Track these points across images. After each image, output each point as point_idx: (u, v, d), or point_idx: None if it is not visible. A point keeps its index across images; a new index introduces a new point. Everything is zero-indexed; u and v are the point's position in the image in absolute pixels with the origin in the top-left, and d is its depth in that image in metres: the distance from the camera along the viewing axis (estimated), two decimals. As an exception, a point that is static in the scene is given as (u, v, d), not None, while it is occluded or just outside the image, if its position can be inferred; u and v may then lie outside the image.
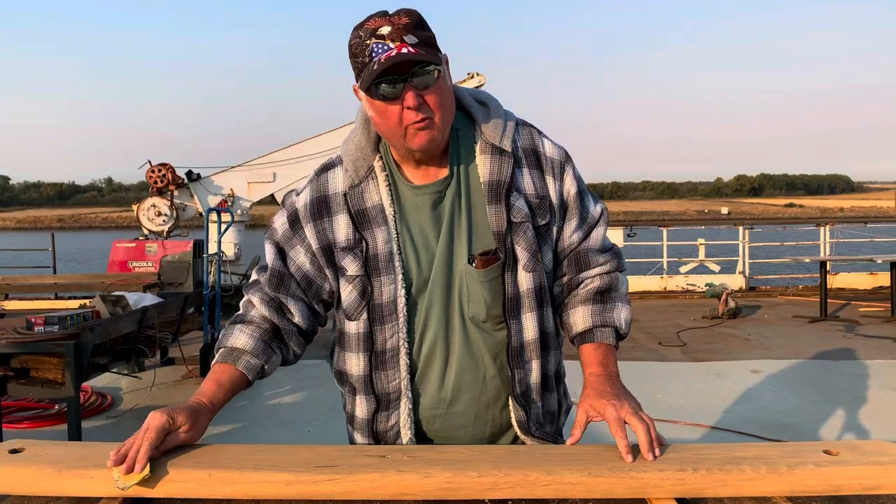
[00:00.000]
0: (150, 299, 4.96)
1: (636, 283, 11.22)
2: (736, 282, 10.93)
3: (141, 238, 10.34)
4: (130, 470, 1.16)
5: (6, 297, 7.65)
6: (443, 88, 1.28)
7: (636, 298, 10.58)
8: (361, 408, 1.47)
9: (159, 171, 10.49)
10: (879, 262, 9.07)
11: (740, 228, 11.47)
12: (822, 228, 11.67)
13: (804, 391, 5.07)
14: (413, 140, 1.30)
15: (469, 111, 1.43)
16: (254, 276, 1.50)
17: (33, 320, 3.90)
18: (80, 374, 3.77)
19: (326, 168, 1.46)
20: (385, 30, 1.22)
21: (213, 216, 7.08)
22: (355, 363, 1.45)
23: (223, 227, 6.93)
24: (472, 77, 10.96)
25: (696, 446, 1.28)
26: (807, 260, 10.10)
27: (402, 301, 1.38)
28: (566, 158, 1.45)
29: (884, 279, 10.17)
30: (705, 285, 10.36)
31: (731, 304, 8.46)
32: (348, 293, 1.41)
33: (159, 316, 4.81)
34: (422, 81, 1.25)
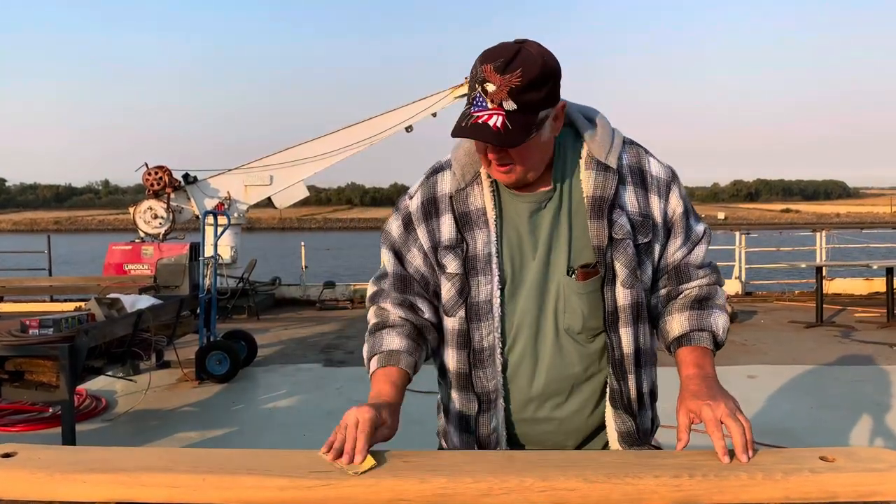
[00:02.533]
0: (145, 301, 4.95)
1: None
2: (732, 287, 10.94)
3: (137, 241, 10.33)
4: (350, 461, 1.20)
5: (1, 300, 7.64)
6: (528, 147, 1.33)
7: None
8: (461, 405, 1.51)
9: (156, 173, 10.47)
10: (875, 267, 9.09)
11: (737, 234, 11.49)
12: (818, 234, 11.70)
13: (800, 397, 5.07)
14: (495, 175, 1.40)
15: (576, 125, 1.46)
16: (373, 288, 1.56)
17: (28, 323, 3.89)
18: (74, 377, 3.76)
19: (436, 171, 1.52)
20: (491, 87, 1.27)
21: (210, 219, 7.07)
22: (452, 359, 1.50)
23: (219, 229, 6.92)
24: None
25: (692, 452, 1.28)
26: (803, 265, 10.12)
27: (497, 301, 1.42)
28: (672, 178, 1.47)
29: (879, 285, 10.20)
30: (702, 290, 10.34)
31: (728, 309, 8.45)
32: (447, 290, 1.47)
33: (155, 319, 4.80)
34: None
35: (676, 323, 1.45)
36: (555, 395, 1.45)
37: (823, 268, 9.02)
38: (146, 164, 10.55)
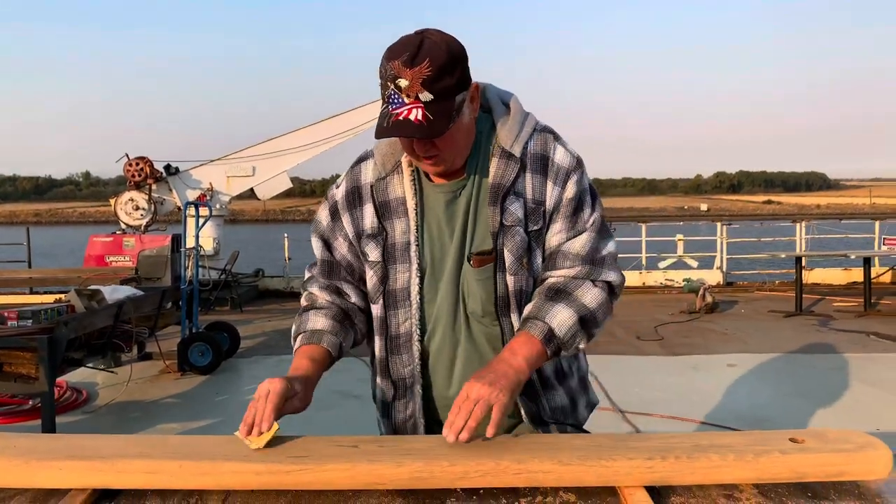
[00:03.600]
0: (125, 291, 4.91)
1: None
2: (714, 277, 11.04)
3: (118, 232, 10.22)
4: (259, 434, 1.23)
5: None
6: (452, 133, 1.33)
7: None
8: (382, 391, 1.56)
9: (137, 164, 10.37)
10: (853, 257, 9.22)
11: (718, 224, 11.59)
12: (797, 225, 11.82)
13: (779, 384, 5.14)
14: (426, 169, 1.42)
15: (492, 113, 1.47)
16: (306, 274, 1.61)
17: (6, 314, 3.85)
18: (53, 369, 3.73)
19: (360, 160, 1.54)
20: (403, 83, 1.27)
21: (191, 210, 7.02)
22: (376, 346, 1.54)
23: (201, 220, 6.88)
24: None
25: (665, 435, 1.30)
26: (783, 256, 10.24)
27: (415, 289, 1.46)
28: (575, 167, 1.45)
29: (857, 274, 10.35)
30: (683, 280, 10.47)
31: (709, 298, 8.55)
32: (370, 278, 1.50)
33: (136, 311, 4.76)
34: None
35: (525, 309, 1.44)
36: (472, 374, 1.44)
37: (803, 258, 9.13)
38: (127, 155, 10.44)
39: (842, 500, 1.16)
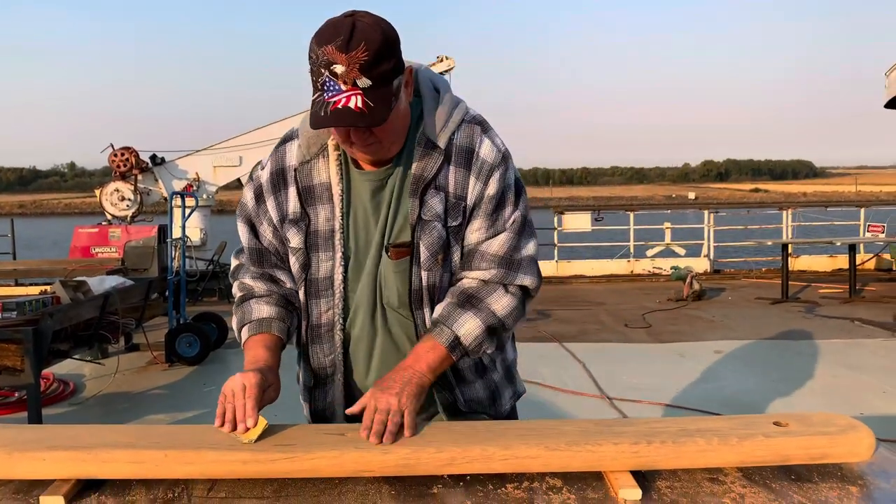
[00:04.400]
0: (112, 281, 4.88)
1: (603, 266, 11.33)
2: (701, 265, 11.10)
3: (104, 223, 10.14)
4: (245, 429, 1.21)
5: (-37, 284, 7.46)
6: (391, 119, 1.29)
7: (602, 281, 10.70)
8: (303, 378, 1.55)
9: (122, 154, 10.27)
10: (838, 244, 9.30)
11: (706, 213, 11.63)
12: (784, 212, 11.89)
13: (764, 370, 5.19)
14: (358, 156, 1.36)
15: (422, 101, 1.42)
16: (234, 262, 1.56)
17: (-10, 306, 3.81)
18: (39, 360, 3.70)
19: (285, 140, 1.49)
20: (339, 69, 1.20)
21: (177, 200, 6.97)
22: (302, 332, 1.51)
23: (188, 211, 6.83)
24: (441, 61, 10.89)
25: (651, 420, 1.31)
26: (769, 243, 10.30)
27: (339, 278, 1.43)
28: (500, 162, 1.40)
29: (842, 261, 10.43)
30: (671, 268, 10.52)
31: (696, 286, 8.60)
32: (293, 264, 1.47)
33: (122, 301, 4.73)
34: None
35: (436, 310, 1.42)
36: (391, 367, 1.41)
37: (789, 245, 9.19)
38: (112, 146, 10.33)
39: (825, 482, 1.18)
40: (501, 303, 1.40)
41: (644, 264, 11.33)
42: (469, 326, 1.38)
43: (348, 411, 1.33)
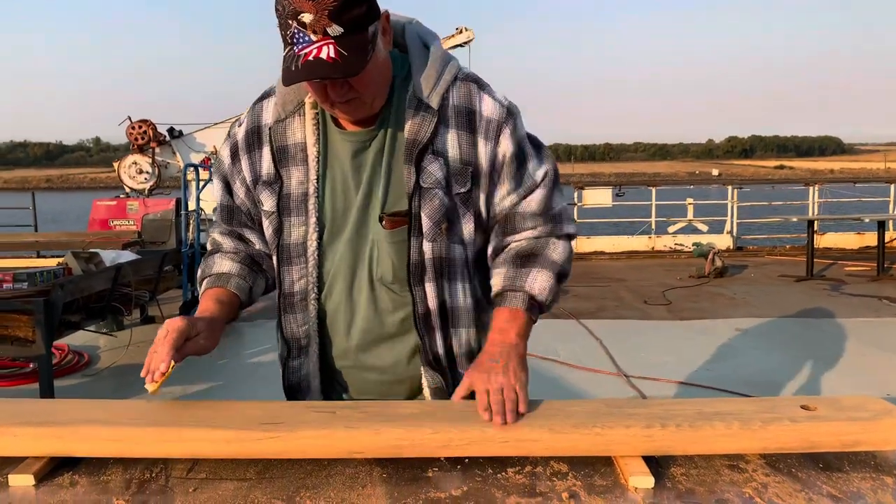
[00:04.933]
0: (126, 256, 4.85)
1: (624, 242, 11.17)
2: (724, 241, 10.89)
3: (122, 196, 10.17)
4: (152, 379, 1.17)
5: (-18, 256, 7.53)
6: (368, 70, 1.18)
7: (622, 258, 10.55)
8: (280, 346, 1.46)
9: (140, 127, 10.26)
10: (867, 220, 9.04)
11: (729, 188, 11.39)
12: (810, 188, 11.61)
13: (788, 349, 5.05)
14: (339, 115, 1.28)
15: (410, 57, 1.32)
16: (213, 217, 1.53)
17: (1, 277, 3.80)
18: (50, 331, 3.68)
19: (263, 97, 1.40)
20: (307, 17, 1.11)
21: (192, 173, 6.92)
22: (277, 303, 1.43)
23: (202, 183, 6.78)
24: (461, 33, 10.69)
25: (666, 401, 1.21)
26: (794, 219, 10.06)
27: (313, 245, 1.34)
28: (506, 118, 1.31)
29: (871, 238, 10.16)
30: (692, 245, 10.33)
31: (718, 263, 8.43)
32: (266, 228, 1.39)
33: (135, 273, 4.70)
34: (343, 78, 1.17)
35: (494, 281, 1.35)
36: (373, 345, 1.37)
37: (815, 222, 8.96)
38: (129, 118, 10.32)
39: (856, 471, 1.08)
40: (558, 251, 1.36)
41: (665, 241, 11.14)
42: (540, 282, 1.32)
43: (454, 398, 1.24)
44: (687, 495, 1.03)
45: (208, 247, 1.49)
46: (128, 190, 10.31)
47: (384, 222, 1.31)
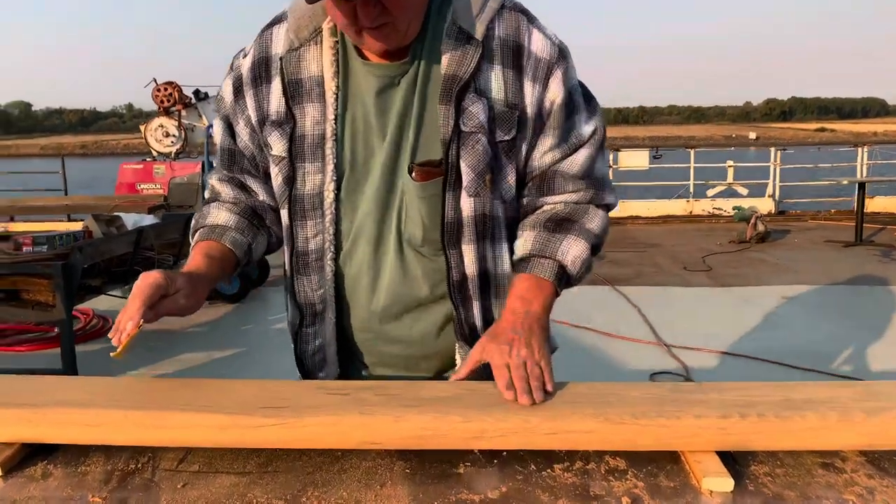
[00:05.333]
0: (148, 220, 4.76)
1: (660, 206, 10.82)
2: (765, 206, 10.48)
3: (149, 160, 10.12)
4: (118, 340, 1.03)
5: (11, 219, 7.54)
6: None
7: (659, 222, 10.22)
8: (290, 314, 1.29)
9: (165, 90, 10.14)
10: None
11: (772, 149, 10.94)
12: (859, 150, 11.10)
13: (839, 318, 4.79)
14: (368, 44, 1.08)
15: None
16: (215, 162, 1.34)
17: (21, 240, 3.72)
18: (70, 295, 3.59)
19: (273, 23, 1.20)
20: None
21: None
22: (285, 260, 1.26)
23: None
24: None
25: (749, 385, 1.01)
26: (845, 182, 9.57)
27: (330, 197, 1.16)
28: (558, 59, 1.13)
29: (923, 203, 9.68)
30: (733, 209, 9.95)
31: (760, 227, 8.10)
32: (275, 177, 1.20)
33: (158, 237, 4.60)
34: None
35: (521, 243, 1.19)
36: (400, 315, 1.20)
37: (866, 184, 8.53)
38: (154, 80, 10.21)
39: None
40: (596, 221, 1.20)
41: (704, 205, 10.77)
42: (575, 251, 1.15)
43: (457, 376, 1.09)
44: (775, 501, 0.84)
45: (205, 195, 1.32)
46: (155, 153, 10.26)
47: (414, 173, 1.12)
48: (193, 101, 10.43)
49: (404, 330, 1.21)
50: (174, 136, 10.13)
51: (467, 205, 1.12)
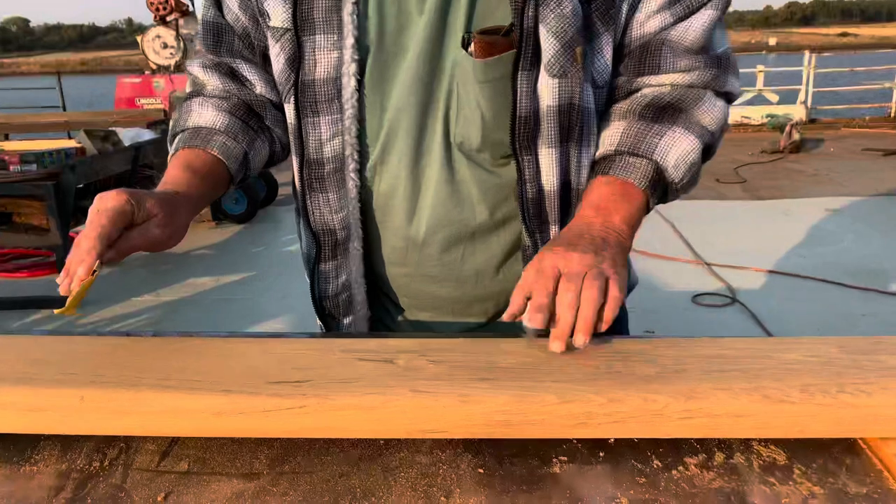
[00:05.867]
0: (147, 135, 4.43)
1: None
2: (797, 113, 9.97)
3: (147, 73, 9.65)
4: (67, 288, 0.75)
5: (6, 137, 7.20)
6: None
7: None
8: (304, 244, 1.01)
9: (161, -3, 9.53)
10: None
11: (806, 53, 10.29)
12: (898, 52, 10.44)
13: (890, 231, 4.46)
14: None
15: None
16: (196, 44, 1.02)
17: (7, 159, 3.41)
18: (64, 218, 3.33)
19: None
20: None
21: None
22: (294, 172, 0.95)
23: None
24: None
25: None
26: (887, 84, 9.02)
27: (350, 83, 0.83)
28: None
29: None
30: (766, 116, 9.46)
31: (795, 136, 7.66)
32: (275, 56, 0.88)
33: (158, 154, 4.29)
34: None
35: (607, 136, 0.88)
36: (448, 245, 0.91)
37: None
38: (149, -13, 9.58)
39: None
40: (713, 113, 0.87)
41: (731, 113, 10.25)
42: (679, 150, 0.83)
43: (506, 316, 0.76)
44: None
45: (187, 88, 1.00)
46: (153, 66, 9.76)
47: (473, 46, 0.80)
48: (191, 8, 9.83)
49: (453, 265, 0.92)
50: (173, 47, 9.59)
51: (549, 90, 0.81)
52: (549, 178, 0.85)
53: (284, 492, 0.62)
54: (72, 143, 3.89)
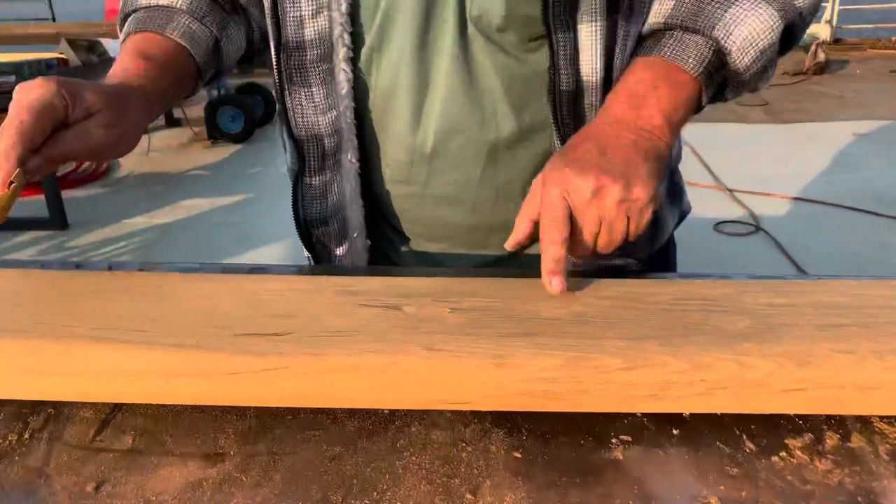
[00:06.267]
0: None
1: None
2: (822, 32, 9.49)
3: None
4: None
5: (-8, 51, 6.89)
6: None
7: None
8: (287, 157, 0.82)
9: None
10: None
11: (833, -34, 9.72)
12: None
13: (922, 158, 4.23)
14: None
15: None
16: None
17: (-18, 70, 3.18)
18: (47, 134, 3.12)
19: None
20: None
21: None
22: (273, 64, 0.75)
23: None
24: None
25: None
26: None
27: None
28: None
29: None
30: (785, 36, 9.01)
31: (821, 56, 7.28)
32: None
33: (148, 67, 4.03)
34: None
35: (656, 7, 0.67)
36: (464, 157, 0.72)
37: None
38: None
39: None
40: None
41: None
42: (751, 26, 0.62)
43: (509, 244, 0.63)
44: None
45: None
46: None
47: None
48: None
49: (469, 183, 0.74)
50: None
51: None
52: (590, 63, 0.65)
53: (256, 482, 0.46)
54: (53, 55, 3.64)
